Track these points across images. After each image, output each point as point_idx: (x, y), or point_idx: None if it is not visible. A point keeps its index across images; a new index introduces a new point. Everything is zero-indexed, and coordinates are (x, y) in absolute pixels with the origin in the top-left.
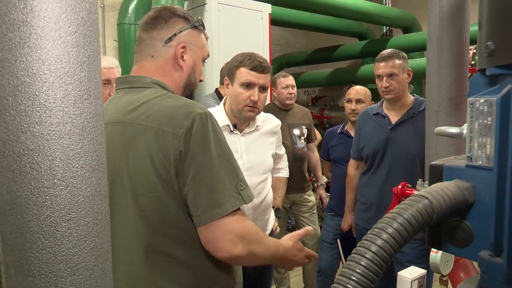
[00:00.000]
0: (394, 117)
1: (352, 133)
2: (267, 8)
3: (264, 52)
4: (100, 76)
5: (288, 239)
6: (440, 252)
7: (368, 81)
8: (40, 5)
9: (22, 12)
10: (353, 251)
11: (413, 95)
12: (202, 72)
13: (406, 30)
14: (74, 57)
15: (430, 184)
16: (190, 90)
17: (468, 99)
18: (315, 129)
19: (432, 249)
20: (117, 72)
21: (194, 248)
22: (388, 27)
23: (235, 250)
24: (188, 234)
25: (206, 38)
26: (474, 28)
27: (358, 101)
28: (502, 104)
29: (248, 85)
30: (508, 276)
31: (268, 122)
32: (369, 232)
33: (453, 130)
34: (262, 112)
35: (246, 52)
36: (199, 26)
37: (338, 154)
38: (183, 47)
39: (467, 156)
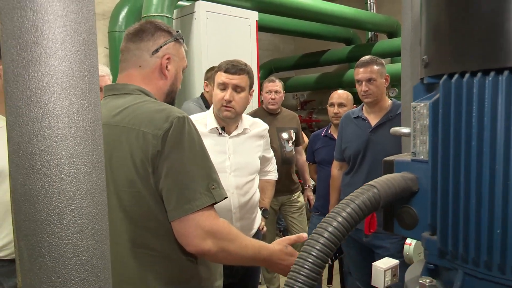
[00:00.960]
0: (373, 120)
1: (336, 136)
2: (254, 15)
3: (251, 58)
4: (98, 87)
5: (277, 243)
6: (413, 244)
7: (355, 85)
8: (49, 29)
9: (33, 35)
10: (314, 231)
11: (391, 99)
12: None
13: (391, 35)
14: (77, 72)
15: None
16: (172, 97)
17: (412, 103)
18: (302, 132)
19: (406, 241)
20: (108, 80)
21: (173, 242)
22: (373, 32)
23: (204, 245)
24: (167, 228)
25: (185, 50)
26: None
27: (340, 105)
28: (433, 108)
29: (222, 86)
30: (441, 251)
31: (256, 126)
32: (327, 215)
33: (405, 130)
34: (249, 117)
35: (228, 60)
36: (180, 39)
37: (322, 156)
38: (168, 58)
39: (412, 152)
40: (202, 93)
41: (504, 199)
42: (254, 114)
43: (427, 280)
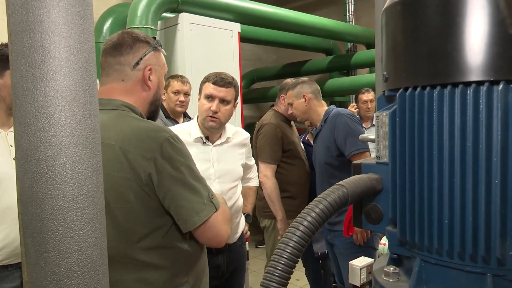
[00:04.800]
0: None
1: (312, 142)
2: (237, 27)
3: (234, 68)
4: (97, 99)
5: None
6: (387, 244)
7: (335, 94)
8: (55, 49)
9: (41, 54)
10: (290, 225)
11: (331, 107)
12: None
13: (369, 45)
14: (79, 86)
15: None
16: (156, 105)
17: (375, 113)
18: None
19: (381, 241)
20: None
21: (161, 252)
22: (352, 43)
23: (224, 236)
24: (155, 241)
25: (164, 55)
26: None
27: None
28: (392, 117)
29: (209, 97)
30: (400, 241)
31: (238, 135)
32: (302, 211)
33: (372, 136)
34: (232, 126)
35: (216, 71)
36: (158, 47)
37: None
38: (150, 69)
39: (376, 155)
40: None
41: (451, 194)
42: (278, 122)
43: (391, 268)
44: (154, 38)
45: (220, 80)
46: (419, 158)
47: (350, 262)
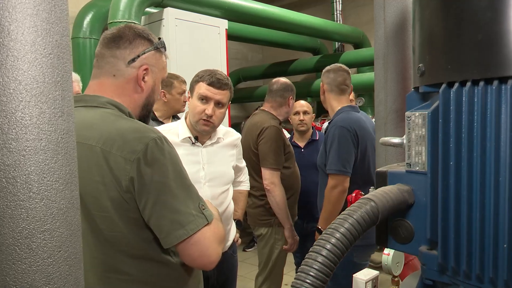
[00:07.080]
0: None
1: (299, 143)
2: (224, 23)
3: (221, 67)
4: (72, 94)
5: None
6: (391, 254)
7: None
8: (17, 29)
9: None
10: (311, 249)
11: (343, 108)
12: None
13: (357, 45)
14: (49, 77)
15: (376, 188)
16: (148, 110)
17: (406, 113)
18: None
19: (384, 252)
20: (77, 86)
21: (150, 265)
22: (340, 43)
23: (213, 257)
24: (142, 252)
25: (167, 58)
26: None
27: (305, 112)
28: (432, 117)
29: (204, 99)
30: (441, 266)
31: (228, 135)
32: (324, 231)
33: (396, 140)
34: (222, 126)
35: (209, 69)
36: (161, 48)
37: None
38: (146, 69)
39: (407, 163)
40: None
41: (510, 212)
42: (278, 125)
43: None
44: (159, 38)
45: (216, 81)
46: (468, 168)
47: (354, 275)
